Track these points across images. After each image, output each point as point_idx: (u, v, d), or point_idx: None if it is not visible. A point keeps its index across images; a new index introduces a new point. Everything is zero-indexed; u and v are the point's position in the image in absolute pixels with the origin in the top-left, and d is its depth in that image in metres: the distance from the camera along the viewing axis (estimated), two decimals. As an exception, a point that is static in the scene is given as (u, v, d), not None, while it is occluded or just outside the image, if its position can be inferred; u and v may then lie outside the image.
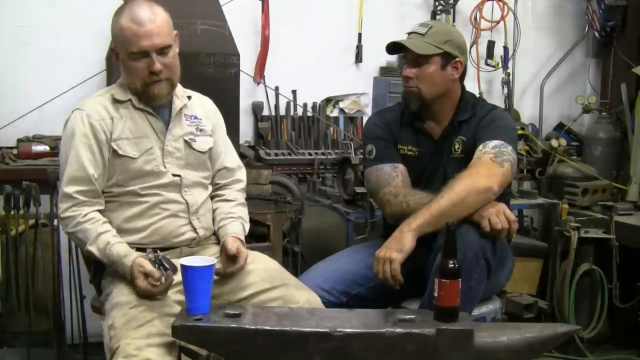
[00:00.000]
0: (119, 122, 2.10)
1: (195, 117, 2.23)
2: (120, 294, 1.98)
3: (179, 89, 2.20)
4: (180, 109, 2.18)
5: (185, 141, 2.18)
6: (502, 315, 2.48)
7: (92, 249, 2.02)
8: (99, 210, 2.08)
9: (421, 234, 2.13)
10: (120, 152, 2.08)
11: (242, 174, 2.36)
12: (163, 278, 1.93)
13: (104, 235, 2.02)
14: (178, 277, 1.91)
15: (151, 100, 2.11)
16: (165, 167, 2.13)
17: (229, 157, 2.33)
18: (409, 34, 2.36)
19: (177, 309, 1.92)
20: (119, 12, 2.07)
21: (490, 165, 2.18)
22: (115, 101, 2.12)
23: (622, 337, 3.58)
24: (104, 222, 2.06)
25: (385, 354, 1.77)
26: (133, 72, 2.05)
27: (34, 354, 2.92)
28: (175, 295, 1.98)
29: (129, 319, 1.89)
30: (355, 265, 2.36)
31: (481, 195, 2.12)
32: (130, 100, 2.12)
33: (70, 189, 2.05)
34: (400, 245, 2.10)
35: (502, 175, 2.17)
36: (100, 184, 2.08)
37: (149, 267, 1.93)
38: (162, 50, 2.04)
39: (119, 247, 2.00)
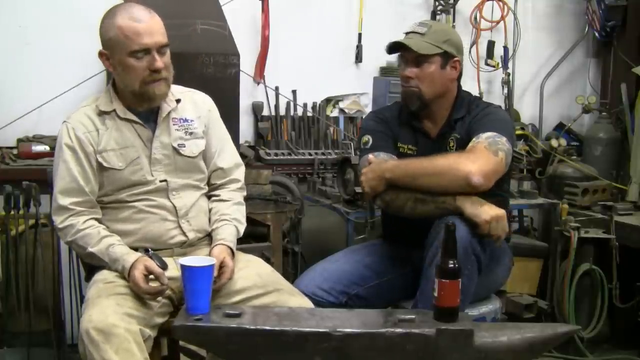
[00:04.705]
0: (104, 134, 2.08)
1: (185, 120, 2.17)
2: (99, 275, 2.03)
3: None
4: (168, 114, 2.14)
5: (174, 147, 2.14)
6: (502, 315, 2.48)
7: (94, 250, 2.02)
8: (97, 220, 2.08)
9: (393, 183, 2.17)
10: (105, 164, 2.07)
11: (239, 172, 2.30)
12: (164, 278, 1.94)
13: (108, 238, 2.03)
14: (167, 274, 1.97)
15: (149, 101, 2.07)
16: (152, 176, 2.11)
17: (225, 156, 2.27)
18: (407, 33, 2.36)
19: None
20: (110, 16, 2.03)
21: (482, 153, 2.12)
22: (101, 112, 2.10)
23: (622, 337, 3.58)
24: (104, 228, 2.07)
25: (385, 354, 1.77)
26: (132, 72, 2.01)
27: (34, 354, 2.92)
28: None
29: (100, 290, 1.94)
30: (354, 266, 2.36)
31: (460, 180, 2.07)
32: (114, 110, 2.09)
33: (65, 201, 2.05)
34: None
35: (496, 163, 2.11)
36: (94, 195, 2.08)
37: (154, 265, 1.95)
38: (161, 49, 2.02)
39: (122, 248, 2.02)
